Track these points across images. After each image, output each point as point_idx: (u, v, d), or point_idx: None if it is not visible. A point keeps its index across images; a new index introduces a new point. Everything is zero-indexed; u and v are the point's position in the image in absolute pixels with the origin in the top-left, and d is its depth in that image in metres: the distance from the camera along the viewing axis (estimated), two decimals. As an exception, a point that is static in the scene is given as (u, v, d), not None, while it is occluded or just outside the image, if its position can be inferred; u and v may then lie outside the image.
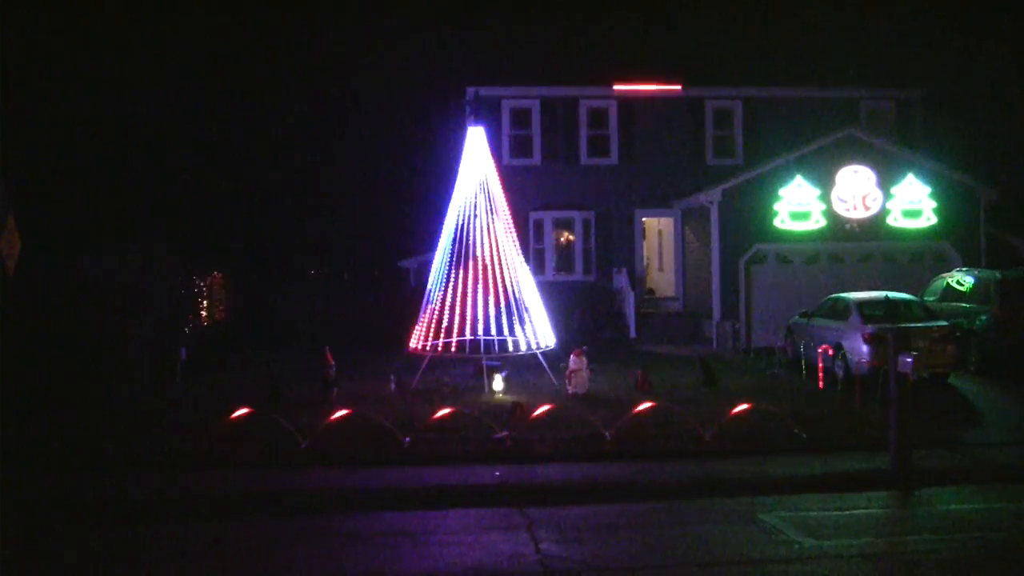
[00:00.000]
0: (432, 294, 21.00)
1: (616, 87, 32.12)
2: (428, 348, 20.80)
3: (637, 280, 31.65)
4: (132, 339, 21.70)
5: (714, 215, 28.13)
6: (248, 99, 46.42)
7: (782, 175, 27.81)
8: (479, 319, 20.52)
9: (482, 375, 20.28)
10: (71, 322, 21.22)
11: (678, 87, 32.29)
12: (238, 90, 45.82)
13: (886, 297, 21.18)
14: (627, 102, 32.31)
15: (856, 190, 27.73)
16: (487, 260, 20.74)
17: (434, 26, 51.39)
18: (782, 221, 27.65)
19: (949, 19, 37.21)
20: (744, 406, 15.24)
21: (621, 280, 30.84)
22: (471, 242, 20.84)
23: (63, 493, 12.43)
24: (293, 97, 50.93)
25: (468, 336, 20.66)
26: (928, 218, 27.95)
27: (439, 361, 21.40)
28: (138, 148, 38.40)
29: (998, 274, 22.43)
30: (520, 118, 32.32)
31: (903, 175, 27.91)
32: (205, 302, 27.91)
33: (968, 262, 26.95)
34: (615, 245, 32.21)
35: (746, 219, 27.83)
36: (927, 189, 27.92)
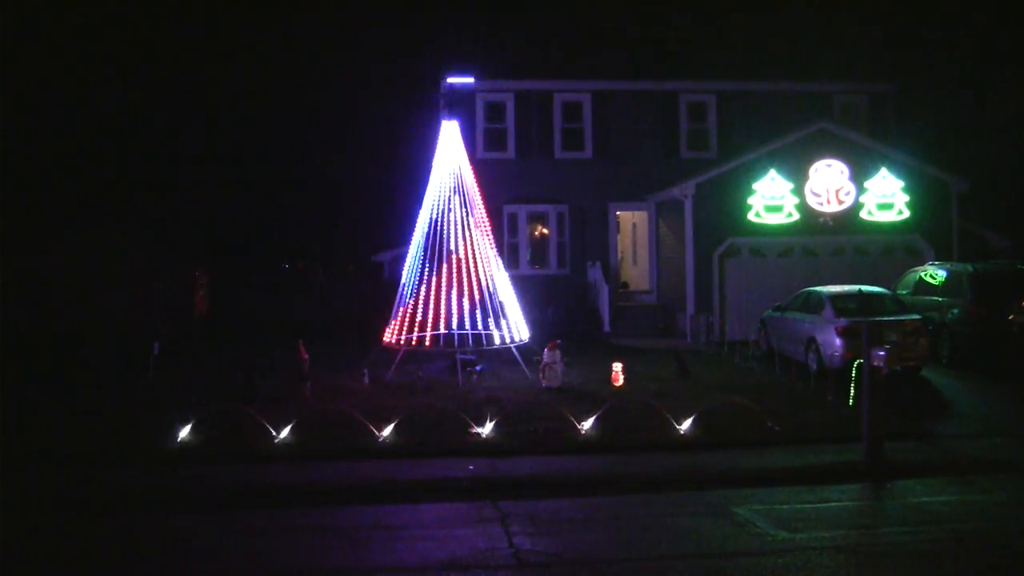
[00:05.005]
0: (406, 288, 20.96)
1: (590, 81, 32.12)
2: (402, 342, 20.74)
3: (611, 274, 31.64)
4: (101, 331, 21.56)
5: (688, 209, 28.15)
6: (223, 95, 46.12)
7: (756, 169, 27.84)
8: (453, 313, 20.48)
9: (456, 369, 20.24)
10: (39, 312, 21.04)
11: (653, 81, 32.30)
12: (213, 85, 45.50)
13: (859, 291, 21.27)
14: (601, 96, 32.30)
15: (829, 184, 27.80)
16: (461, 255, 20.71)
17: (408, 21, 51.22)
18: (756, 215, 27.70)
19: (921, 13, 37.41)
20: (718, 399, 15.26)
21: (595, 274, 30.82)
22: (444, 236, 20.80)
23: (26, 486, 12.31)
24: (268, 93, 50.67)
25: (442, 330, 20.62)
26: (901, 211, 28.05)
27: (413, 355, 21.34)
28: (120, 143, 38.12)
29: (970, 267, 22.55)
30: (494, 112, 32.25)
31: (876, 168, 28.00)
32: (180, 295, 27.76)
33: (940, 255, 27.10)
34: (589, 239, 32.18)
35: (720, 213, 27.85)
36: (900, 182, 28.02)
